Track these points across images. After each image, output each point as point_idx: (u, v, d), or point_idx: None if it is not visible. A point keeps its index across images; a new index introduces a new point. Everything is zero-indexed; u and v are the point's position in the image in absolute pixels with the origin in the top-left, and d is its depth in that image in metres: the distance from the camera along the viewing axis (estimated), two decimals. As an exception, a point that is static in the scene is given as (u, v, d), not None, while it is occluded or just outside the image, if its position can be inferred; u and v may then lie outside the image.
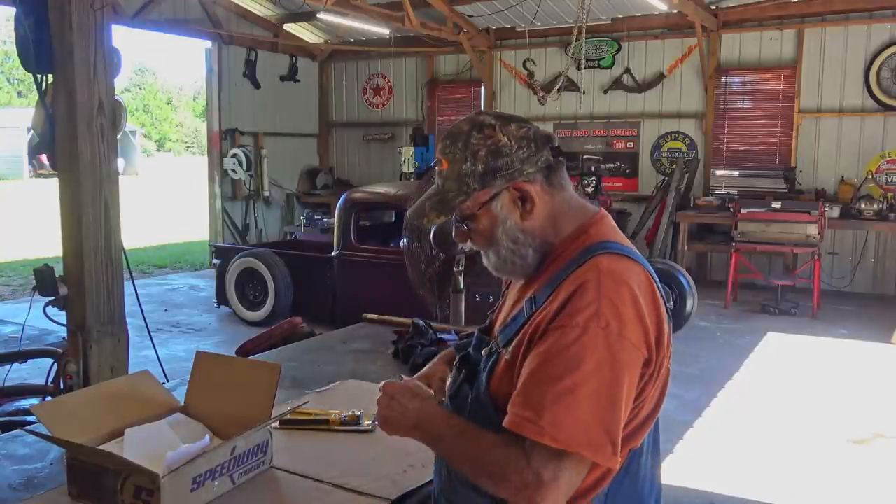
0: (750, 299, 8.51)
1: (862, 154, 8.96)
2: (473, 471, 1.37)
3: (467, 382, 1.50)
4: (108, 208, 3.40)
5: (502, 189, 1.45)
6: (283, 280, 7.44)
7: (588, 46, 9.77)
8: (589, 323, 1.29)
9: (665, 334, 1.38)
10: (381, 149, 12.13)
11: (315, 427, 2.21)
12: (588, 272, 1.35)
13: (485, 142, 1.44)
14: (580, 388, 1.27)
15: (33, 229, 14.00)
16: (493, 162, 1.44)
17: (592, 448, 1.27)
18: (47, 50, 3.26)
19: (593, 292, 1.32)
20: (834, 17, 8.98)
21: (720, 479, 4.11)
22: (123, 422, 1.92)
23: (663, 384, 1.43)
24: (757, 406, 5.32)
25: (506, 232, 1.47)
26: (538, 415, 1.27)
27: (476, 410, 1.44)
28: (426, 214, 1.49)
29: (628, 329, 1.30)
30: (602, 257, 1.37)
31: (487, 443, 1.35)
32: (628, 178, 10.33)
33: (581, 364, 1.28)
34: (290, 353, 3.12)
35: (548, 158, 1.48)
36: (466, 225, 1.50)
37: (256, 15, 11.08)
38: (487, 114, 1.49)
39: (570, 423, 1.26)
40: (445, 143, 1.48)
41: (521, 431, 1.29)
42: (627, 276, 1.35)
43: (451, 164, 1.47)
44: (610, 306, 1.30)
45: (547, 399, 1.27)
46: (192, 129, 51.30)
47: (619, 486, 1.42)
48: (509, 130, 1.45)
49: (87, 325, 3.37)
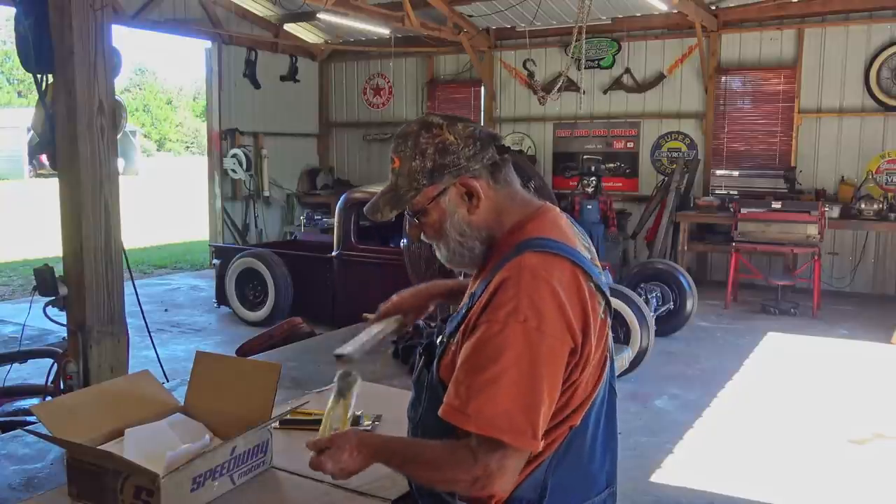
0: (750, 299, 8.51)
1: (862, 154, 8.96)
2: (430, 481, 1.51)
3: (426, 368, 1.61)
4: (108, 208, 3.40)
5: (450, 185, 1.54)
6: (283, 280, 7.44)
7: (588, 46, 9.78)
8: (508, 318, 1.39)
9: (591, 326, 1.45)
10: (381, 149, 12.13)
11: (315, 427, 2.20)
12: (511, 269, 1.44)
13: (433, 140, 1.53)
14: (501, 379, 1.37)
15: (33, 229, 13.99)
16: (440, 159, 1.53)
17: (513, 434, 1.37)
18: (47, 50, 3.26)
19: (513, 289, 1.41)
20: (834, 17, 8.99)
21: (720, 479, 4.11)
22: (123, 422, 1.92)
23: (599, 369, 1.52)
24: (757, 406, 5.32)
25: (453, 225, 1.56)
26: (465, 404, 1.38)
27: (430, 393, 1.56)
28: (381, 209, 1.59)
29: (546, 323, 1.39)
30: (527, 254, 1.45)
31: (434, 453, 1.46)
32: (628, 178, 10.34)
33: (501, 357, 1.38)
34: (290, 353, 3.12)
35: (493, 156, 1.56)
36: (418, 219, 1.59)
37: (256, 15, 11.08)
38: (436, 115, 1.59)
39: (492, 411, 1.36)
40: (398, 142, 1.57)
41: (449, 419, 1.40)
42: (549, 273, 1.43)
43: (402, 161, 1.56)
44: (528, 302, 1.39)
45: (472, 389, 1.38)
46: (192, 129, 51.29)
47: (560, 461, 1.51)
48: (456, 130, 1.54)
49: (87, 325, 3.37)
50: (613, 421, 1.62)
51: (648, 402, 5.34)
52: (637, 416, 5.04)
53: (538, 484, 1.49)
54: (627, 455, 4.31)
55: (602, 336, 1.50)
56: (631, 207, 10.04)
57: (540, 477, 1.49)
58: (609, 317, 1.53)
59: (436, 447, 1.46)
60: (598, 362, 1.51)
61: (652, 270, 7.27)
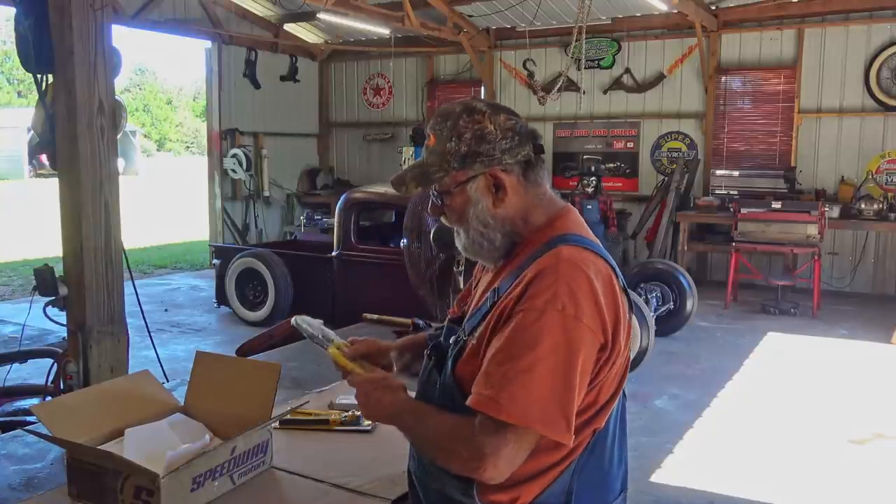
0: (750, 299, 8.51)
1: (862, 154, 8.96)
2: (431, 450, 1.49)
3: (436, 369, 1.58)
4: (108, 208, 3.40)
5: (479, 173, 1.52)
6: (283, 280, 7.44)
7: (588, 46, 9.77)
8: (546, 306, 1.37)
9: (622, 324, 1.44)
10: (381, 149, 12.13)
11: (315, 427, 2.21)
12: (548, 259, 1.43)
13: (472, 126, 1.50)
14: (537, 367, 1.35)
15: (33, 229, 13.99)
16: (475, 146, 1.50)
17: (546, 423, 1.35)
18: (47, 50, 3.26)
19: (551, 277, 1.39)
20: (834, 17, 8.99)
21: (720, 479, 4.11)
22: (123, 422, 1.92)
23: (622, 370, 1.50)
24: (757, 406, 5.32)
25: (476, 214, 1.53)
26: (497, 392, 1.35)
27: (443, 394, 1.52)
28: (406, 183, 1.56)
29: (584, 313, 1.37)
30: (563, 247, 1.45)
31: (442, 422, 1.45)
32: (628, 178, 10.33)
33: (538, 345, 1.35)
34: (290, 353, 3.12)
35: (528, 154, 1.54)
36: (441, 200, 1.57)
37: (256, 15, 11.08)
38: (481, 101, 1.55)
39: (525, 400, 1.34)
40: (436, 119, 1.55)
41: (480, 409, 1.37)
42: (586, 265, 1.42)
43: (437, 140, 1.53)
44: (567, 291, 1.37)
45: (506, 378, 1.36)
46: (192, 129, 51.28)
47: (584, 465, 1.48)
48: (497, 120, 1.51)
49: (87, 325, 3.37)
50: (626, 424, 1.61)
51: (648, 402, 5.34)
52: (637, 416, 5.04)
53: (564, 489, 1.47)
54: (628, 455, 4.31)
55: (629, 335, 1.50)
56: (631, 207, 10.04)
57: (566, 481, 1.47)
58: (632, 317, 1.53)
59: (448, 417, 1.45)
60: (624, 362, 1.50)
61: (652, 270, 7.27)
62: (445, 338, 1.61)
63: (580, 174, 9.02)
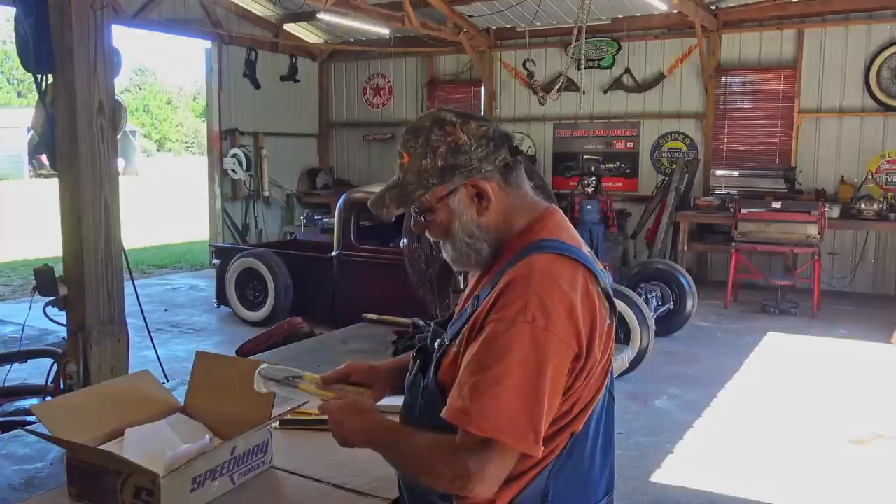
0: (750, 299, 8.51)
1: (862, 154, 8.96)
2: (414, 472, 1.48)
3: (421, 372, 1.57)
4: (108, 208, 3.40)
5: (460, 185, 1.50)
6: (283, 280, 7.44)
7: (588, 46, 9.77)
8: (517, 316, 1.35)
9: (598, 331, 1.43)
10: (381, 149, 12.13)
11: (315, 427, 2.21)
12: (521, 269, 1.41)
13: (445, 138, 1.48)
14: (506, 379, 1.34)
15: (33, 229, 13.99)
16: (452, 159, 1.48)
17: (515, 436, 1.34)
18: (47, 50, 3.26)
19: (522, 288, 1.38)
20: (834, 17, 8.99)
21: (720, 479, 4.11)
22: (123, 422, 1.92)
23: (602, 376, 1.49)
24: (757, 406, 5.32)
25: (462, 226, 1.52)
26: (467, 404, 1.34)
27: (427, 398, 1.52)
28: (386, 205, 1.54)
29: (555, 324, 1.36)
30: (536, 256, 1.43)
31: (419, 443, 1.44)
32: (628, 178, 10.34)
33: (507, 356, 1.34)
34: (290, 353, 3.12)
35: (505, 157, 1.52)
36: (424, 217, 1.55)
37: (256, 15, 11.08)
38: (449, 111, 1.53)
39: (494, 413, 1.33)
40: (407, 137, 1.52)
41: (452, 420, 1.36)
42: (559, 275, 1.40)
43: (411, 157, 1.51)
44: (537, 302, 1.36)
45: (475, 389, 1.35)
46: (192, 129, 51.27)
47: (561, 468, 1.48)
48: (469, 129, 1.49)
49: (87, 325, 3.37)
50: (612, 429, 1.59)
51: (648, 402, 5.34)
52: (637, 416, 5.04)
53: (539, 492, 1.46)
54: (627, 455, 4.31)
55: (609, 342, 1.48)
56: (631, 207, 10.04)
57: (541, 484, 1.46)
58: (614, 322, 1.51)
59: (424, 437, 1.44)
60: (603, 368, 1.49)
61: (652, 270, 7.28)
62: (431, 341, 1.60)
63: (580, 174, 9.02)
